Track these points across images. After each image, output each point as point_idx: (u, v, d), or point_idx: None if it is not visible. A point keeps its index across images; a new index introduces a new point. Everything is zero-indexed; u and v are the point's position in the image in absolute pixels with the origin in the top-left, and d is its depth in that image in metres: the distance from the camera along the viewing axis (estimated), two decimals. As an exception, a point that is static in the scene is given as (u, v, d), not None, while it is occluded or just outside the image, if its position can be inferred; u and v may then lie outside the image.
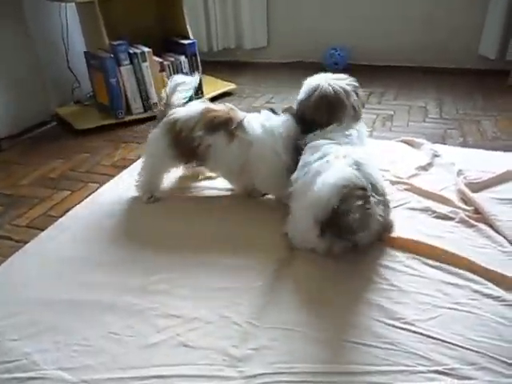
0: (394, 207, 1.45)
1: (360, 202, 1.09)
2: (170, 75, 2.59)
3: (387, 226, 1.27)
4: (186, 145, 1.46)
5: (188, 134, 1.45)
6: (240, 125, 1.43)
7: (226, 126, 1.43)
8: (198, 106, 1.53)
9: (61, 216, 1.60)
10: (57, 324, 1.08)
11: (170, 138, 1.49)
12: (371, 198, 1.13)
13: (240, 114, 1.49)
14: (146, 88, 2.51)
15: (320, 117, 1.36)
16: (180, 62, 2.61)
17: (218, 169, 1.57)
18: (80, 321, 1.09)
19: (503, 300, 1.08)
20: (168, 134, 1.50)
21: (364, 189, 1.13)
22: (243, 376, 0.94)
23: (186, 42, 2.64)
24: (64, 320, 1.09)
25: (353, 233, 1.14)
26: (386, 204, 1.22)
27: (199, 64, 2.70)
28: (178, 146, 1.49)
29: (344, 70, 3.13)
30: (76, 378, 0.95)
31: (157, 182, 1.62)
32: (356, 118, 1.37)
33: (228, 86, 2.92)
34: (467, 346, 0.97)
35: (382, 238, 1.28)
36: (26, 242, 1.45)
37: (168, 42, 2.77)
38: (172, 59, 2.61)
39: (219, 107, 1.51)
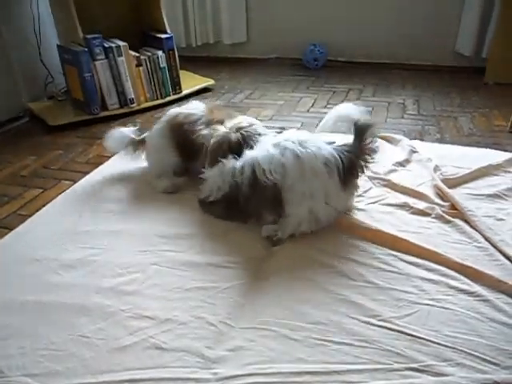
0: (372, 203, 1.45)
1: None
2: (148, 70, 2.55)
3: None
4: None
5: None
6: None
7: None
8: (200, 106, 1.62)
9: (32, 215, 1.55)
10: (22, 328, 1.04)
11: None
12: None
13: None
14: (122, 83, 2.46)
15: None
16: (157, 57, 2.57)
17: None
18: (47, 324, 1.05)
19: (478, 295, 1.08)
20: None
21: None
22: (218, 378, 0.92)
23: (163, 36, 2.59)
24: (30, 323, 1.05)
25: None
26: None
27: (177, 59, 2.66)
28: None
29: (323, 67, 3.18)
30: (43, 384, 0.91)
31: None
32: None
33: (206, 82, 2.88)
34: (443, 343, 0.97)
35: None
36: (-7, 242, 1.39)
37: (145, 36, 2.72)
38: (149, 54, 2.56)
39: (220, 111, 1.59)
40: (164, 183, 1.60)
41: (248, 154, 1.32)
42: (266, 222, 1.33)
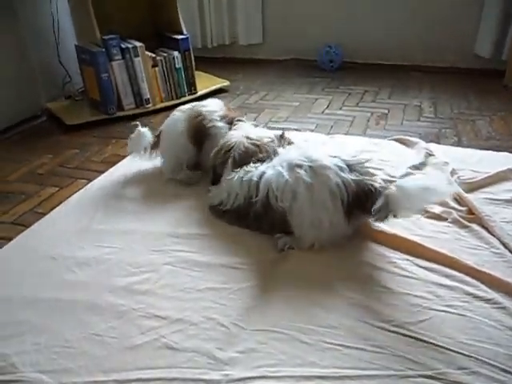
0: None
1: None
2: (163, 71, 2.57)
3: None
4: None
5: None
6: None
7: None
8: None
9: (48, 213, 1.57)
10: (38, 324, 1.05)
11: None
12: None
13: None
14: (138, 83, 2.48)
15: None
16: (173, 58, 2.58)
17: None
18: (62, 321, 1.06)
19: (495, 303, 1.06)
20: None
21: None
22: (228, 379, 0.91)
23: (179, 37, 2.61)
24: (46, 320, 1.06)
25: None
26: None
27: (193, 60, 2.67)
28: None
29: (339, 68, 3.16)
30: (55, 381, 0.92)
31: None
32: None
33: (222, 83, 2.89)
34: (458, 350, 0.95)
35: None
36: (10, 239, 1.41)
37: (161, 36, 2.74)
38: (165, 54, 2.58)
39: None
40: (182, 173, 1.66)
41: (265, 172, 1.31)
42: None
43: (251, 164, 1.37)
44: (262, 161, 1.37)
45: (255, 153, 1.41)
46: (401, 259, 1.22)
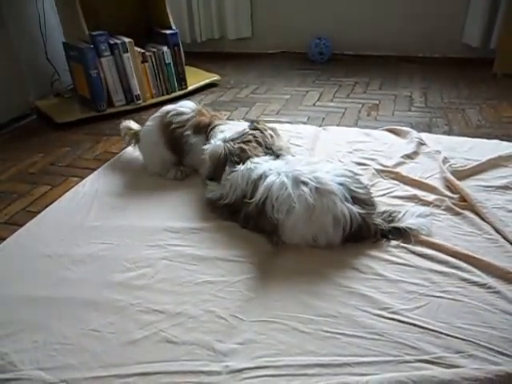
0: (380, 196, 1.45)
1: None
2: (153, 66, 2.55)
3: None
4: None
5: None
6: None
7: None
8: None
9: (41, 211, 1.56)
10: (35, 322, 1.05)
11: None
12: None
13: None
14: (127, 80, 2.46)
15: None
16: (162, 53, 2.56)
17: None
18: (59, 318, 1.06)
19: (490, 287, 1.07)
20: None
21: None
22: (229, 371, 0.92)
23: (167, 31, 2.59)
24: (42, 318, 1.06)
25: None
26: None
27: (182, 55, 2.65)
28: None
29: (329, 60, 3.16)
30: (55, 377, 0.92)
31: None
32: None
33: (212, 77, 2.88)
34: (454, 334, 0.96)
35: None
36: (4, 239, 1.40)
37: (149, 32, 2.71)
38: (154, 50, 2.56)
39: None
40: (172, 171, 1.65)
41: (267, 175, 1.29)
42: None
43: (253, 159, 1.37)
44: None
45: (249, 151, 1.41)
46: (395, 247, 1.23)
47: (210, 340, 0.98)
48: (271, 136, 1.49)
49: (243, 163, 1.37)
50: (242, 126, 1.54)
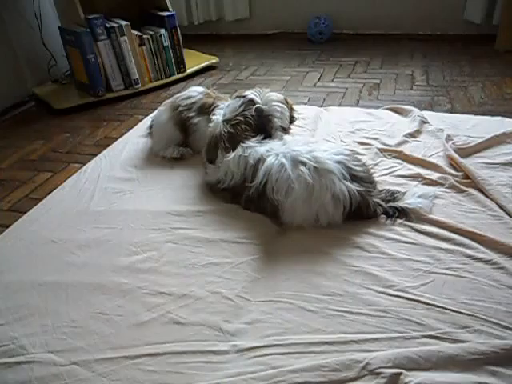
0: (384, 175, 1.44)
1: None
2: (151, 49, 2.52)
3: None
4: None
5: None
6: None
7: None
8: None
9: (43, 198, 1.55)
10: (43, 307, 1.06)
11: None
12: None
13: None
14: (125, 63, 2.43)
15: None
16: (160, 36, 2.53)
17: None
18: (67, 303, 1.06)
19: (494, 263, 1.08)
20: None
21: None
22: (237, 350, 0.93)
23: (165, 13, 2.55)
24: (51, 302, 1.07)
25: None
26: None
27: (180, 37, 2.62)
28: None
29: (329, 40, 3.11)
30: (66, 360, 0.93)
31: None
32: None
33: (211, 60, 2.84)
34: (460, 310, 0.97)
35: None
36: (8, 226, 1.40)
37: (145, 14, 2.67)
38: (151, 32, 2.52)
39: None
40: (170, 150, 1.68)
41: (265, 158, 1.28)
42: None
43: (245, 143, 1.36)
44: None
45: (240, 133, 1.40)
46: (399, 225, 1.23)
47: (218, 320, 0.99)
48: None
49: (233, 150, 1.36)
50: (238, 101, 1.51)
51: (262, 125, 1.45)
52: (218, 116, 1.47)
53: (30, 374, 0.90)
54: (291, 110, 1.66)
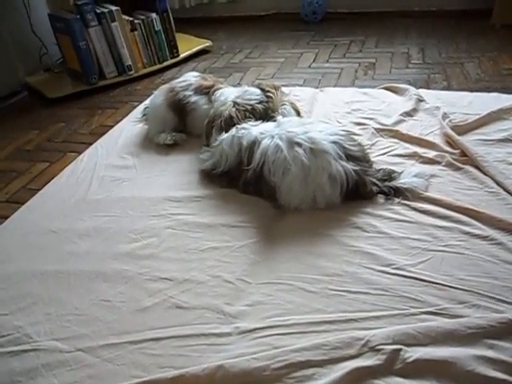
0: (381, 155, 1.44)
1: None
2: (143, 34, 2.49)
3: None
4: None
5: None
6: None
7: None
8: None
9: (41, 189, 1.55)
10: (46, 296, 1.07)
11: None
12: None
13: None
14: (117, 50, 2.40)
15: None
16: (151, 20, 2.49)
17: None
18: (69, 291, 1.07)
19: (492, 239, 1.09)
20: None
21: None
22: (239, 331, 0.94)
23: (155, -3, 2.50)
24: (53, 291, 1.08)
25: None
26: None
27: (172, 21, 2.58)
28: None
29: (323, 20, 3.07)
30: (71, 347, 0.94)
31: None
32: None
33: (204, 44, 2.81)
34: (458, 286, 0.98)
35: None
36: (7, 217, 1.41)
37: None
38: (142, 17, 2.49)
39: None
40: (163, 136, 1.68)
41: (259, 140, 1.28)
42: None
43: (239, 126, 1.36)
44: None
45: (243, 116, 1.40)
46: (397, 204, 1.23)
47: (219, 304, 1.00)
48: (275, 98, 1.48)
49: (226, 131, 1.36)
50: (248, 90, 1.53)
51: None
52: (225, 96, 1.50)
53: (37, 362, 0.91)
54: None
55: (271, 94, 1.48)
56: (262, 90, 1.51)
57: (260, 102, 1.46)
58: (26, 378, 0.88)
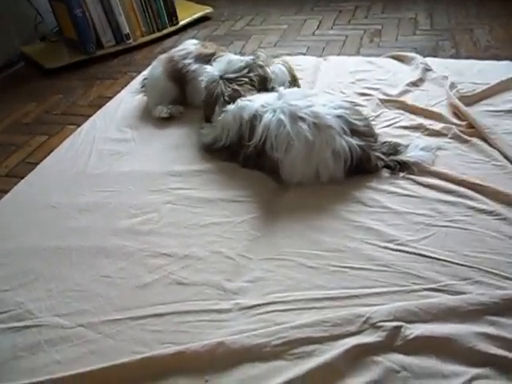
0: (385, 126, 1.40)
1: None
2: (140, 1, 2.40)
3: None
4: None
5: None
6: None
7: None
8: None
9: (40, 162, 1.53)
10: (47, 271, 1.07)
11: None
12: None
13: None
14: (115, 18, 2.33)
15: None
16: (149, -15, 2.39)
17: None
18: (70, 267, 1.07)
19: (497, 214, 1.06)
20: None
21: None
22: (239, 308, 0.94)
23: (152, -40, 2.40)
24: (54, 267, 1.08)
25: None
26: None
27: (170, -14, 2.48)
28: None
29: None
30: (72, 323, 0.94)
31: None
32: None
33: (204, 10, 2.71)
34: (461, 262, 0.97)
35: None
36: (6, 192, 1.40)
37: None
38: (140, -18, 2.39)
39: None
40: (159, 108, 1.63)
41: (260, 114, 1.24)
42: None
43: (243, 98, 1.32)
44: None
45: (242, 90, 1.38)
46: (400, 178, 1.21)
47: (220, 280, 1.00)
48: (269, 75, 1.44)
49: (233, 103, 1.33)
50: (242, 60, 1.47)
51: (264, 90, 1.41)
52: (213, 69, 1.43)
53: (39, 337, 0.92)
54: (294, 78, 1.57)
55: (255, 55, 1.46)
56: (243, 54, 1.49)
57: (248, 67, 1.42)
58: (29, 354, 0.89)
